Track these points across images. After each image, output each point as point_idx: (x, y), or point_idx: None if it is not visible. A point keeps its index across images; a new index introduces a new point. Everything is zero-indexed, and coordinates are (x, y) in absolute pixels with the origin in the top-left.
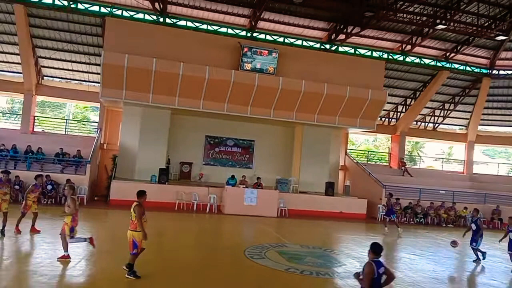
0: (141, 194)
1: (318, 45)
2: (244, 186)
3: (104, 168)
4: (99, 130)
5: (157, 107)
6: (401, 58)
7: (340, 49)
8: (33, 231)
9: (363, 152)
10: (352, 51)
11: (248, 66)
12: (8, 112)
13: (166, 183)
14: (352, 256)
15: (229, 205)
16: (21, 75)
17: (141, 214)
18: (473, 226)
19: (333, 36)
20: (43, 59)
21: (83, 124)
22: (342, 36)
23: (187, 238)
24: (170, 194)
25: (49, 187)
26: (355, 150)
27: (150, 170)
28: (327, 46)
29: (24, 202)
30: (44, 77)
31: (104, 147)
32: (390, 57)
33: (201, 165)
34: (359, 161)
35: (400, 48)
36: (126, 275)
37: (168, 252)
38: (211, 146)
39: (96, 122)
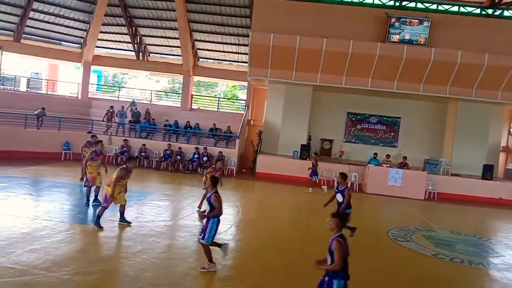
0: (131, 159)
1: (478, 11)
2: (388, 165)
3: (250, 143)
4: (246, 107)
5: (299, 84)
6: None
7: (506, 13)
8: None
9: None
10: None
11: (395, 38)
12: (170, 91)
13: (308, 159)
14: None
15: (371, 184)
16: (180, 57)
17: (120, 176)
18: (339, 197)
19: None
20: (199, 42)
21: (232, 102)
22: None
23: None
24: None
25: (205, 158)
26: None
27: (292, 145)
28: (489, 11)
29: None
30: (200, 59)
31: (251, 123)
32: None
33: (341, 142)
34: None
35: None
36: (93, 225)
37: (307, 227)
38: (352, 123)
39: (244, 100)
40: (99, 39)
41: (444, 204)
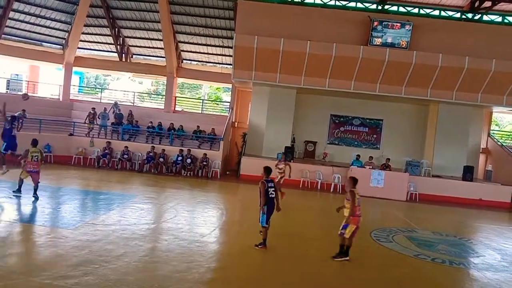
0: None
1: (458, 15)
2: (371, 167)
3: (234, 145)
4: (230, 109)
5: (283, 87)
6: None
7: (485, 17)
8: None
9: (510, 133)
10: (500, 19)
11: (378, 41)
12: (154, 93)
13: (291, 161)
14: (492, 247)
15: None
16: (164, 59)
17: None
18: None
19: (476, 4)
20: (183, 44)
21: (217, 104)
22: (487, 3)
23: (311, 215)
24: (295, 172)
25: (188, 160)
26: (500, 131)
27: (277, 147)
28: (469, 16)
29: None
30: (184, 61)
31: (235, 125)
32: None
33: (325, 144)
34: (504, 144)
35: None
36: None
37: (292, 228)
38: (336, 125)
39: (228, 102)
40: (81, 40)
41: (426, 205)
